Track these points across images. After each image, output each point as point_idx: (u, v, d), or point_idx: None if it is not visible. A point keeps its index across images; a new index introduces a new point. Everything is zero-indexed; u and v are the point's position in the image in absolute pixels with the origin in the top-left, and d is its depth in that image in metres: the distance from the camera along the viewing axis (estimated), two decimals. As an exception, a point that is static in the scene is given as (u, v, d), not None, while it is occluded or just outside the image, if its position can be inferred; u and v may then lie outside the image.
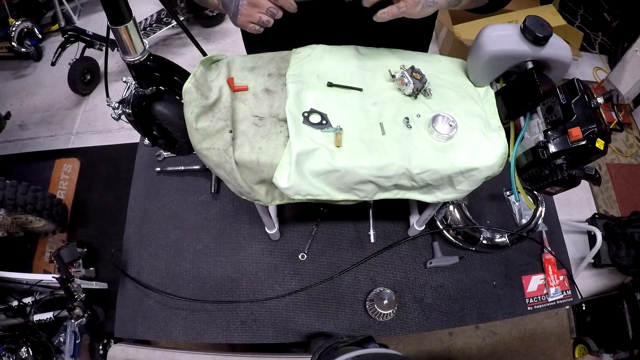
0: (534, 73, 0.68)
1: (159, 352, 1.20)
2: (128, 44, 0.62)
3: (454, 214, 1.17)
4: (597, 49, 2.88)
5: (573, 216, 2.07)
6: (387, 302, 1.11)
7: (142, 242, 1.27)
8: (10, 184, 1.75)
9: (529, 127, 0.72)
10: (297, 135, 0.69)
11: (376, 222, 1.22)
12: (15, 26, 2.55)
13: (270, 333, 1.15)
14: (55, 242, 2.13)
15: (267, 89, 0.77)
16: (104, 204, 2.20)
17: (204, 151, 0.70)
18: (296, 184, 0.69)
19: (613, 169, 2.38)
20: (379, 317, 1.14)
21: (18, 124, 2.58)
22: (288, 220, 1.27)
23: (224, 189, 1.32)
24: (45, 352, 1.53)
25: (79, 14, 3.05)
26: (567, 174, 0.66)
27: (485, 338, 1.85)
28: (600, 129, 0.64)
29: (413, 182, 0.73)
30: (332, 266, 1.21)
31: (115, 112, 0.75)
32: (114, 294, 1.24)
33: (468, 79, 0.82)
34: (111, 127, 2.51)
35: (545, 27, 0.66)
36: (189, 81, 0.67)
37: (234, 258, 1.23)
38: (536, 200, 1.20)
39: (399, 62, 0.81)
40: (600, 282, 2.01)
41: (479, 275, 1.23)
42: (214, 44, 2.85)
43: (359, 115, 0.74)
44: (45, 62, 2.83)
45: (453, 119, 0.71)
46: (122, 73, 1.96)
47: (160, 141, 0.86)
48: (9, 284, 1.60)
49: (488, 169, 0.72)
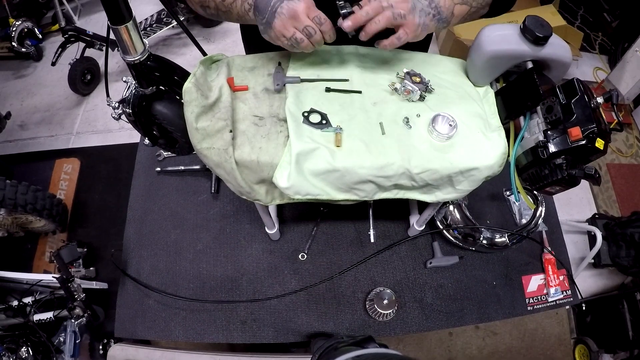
0: (533, 73, 0.68)
1: (159, 352, 1.20)
2: (128, 43, 0.62)
3: (454, 214, 1.17)
4: (597, 49, 2.88)
5: (573, 216, 2.07)
6: (387, 302, 1.11)
7: (142, 242, 1.27)
8: (11, 183, 1.75)
9: (528, 126, 0.72)
10: (297, 135, 0.69)
11: (376, 222, 1.22)
12: (16, 26, 2.56)
13: (270, 333, 1.15)
14: (56, 242, 2.13)
15: (267, 89, 0.77)
16: (104, 204, 2.20)
17: (204, 151, 0.71)
18: (296, 184, 0.69)
19: (613, 169, 2.38)
20: (379, 317, 1.14)
21: (18, 124, 2.58)
22: (288, 220, 1.27)
23: (224, 189, 1.32)
24: (45, 352, 1.53)
25: (79, 14, 3.05)
26: (567, 173, 0.66)
27: (485, 338, 1.85)
28: (600, 129, 0.64)
29: (413, 182, 0.73)
30: (332, 266, 1.21)
31: (116, 112, 0.76)
32: (114, 294, 1.24)
33: (468, 79, 0.82)
34: (111, 127, 2.51)
35: (545, 27, 0.66)
36: (189, 81, 0.68)
37: (234, 258, 1.23)
38: (536, 200, 1.20)
39: (398, 62, 0.81)
40: (600, 282, 2.01)
41: (479, 275, 1.23)
42: (214, 44, 2.85)
43: (359, 115, 0.74)
44: (46, 62, 2.83)
45: (453, 119, 0.71)
46: (122, 73, 1.96)
47: (160, 141, 0.86)
48: (9, 284, 1.60)
49: (488, 168, 0.72)
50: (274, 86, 0.75)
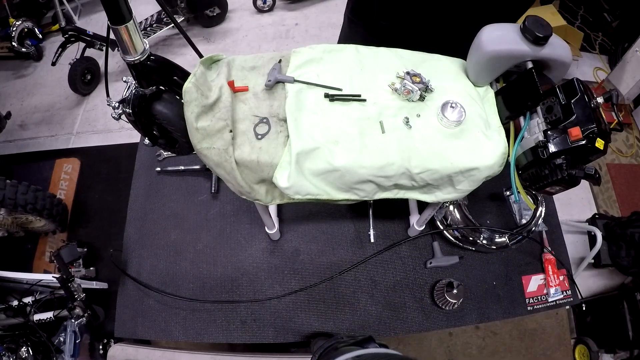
0: (533, 73, 0.68)
1: (159, 352, 1.20)
2: (128, 43, 0.62)
3: (454, 214, 1.17)
4: (597, 49, 2.88)
5: (573, 216, 2.07)
6: (456, 292, 1.13)
7: (142, 242, 1.27)
8: (11, 183, 1.75)
9: (528, 126, 0.72)
10: (297, 134, 0.69)
11: (376, 222, 1.22)
12: (16, 26, 2.56)
13: (270, 333, 1.15)
14: (56, 242, 2.13)
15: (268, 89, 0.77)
16: (104, 204, 2.20)
17: (204, 151, 0.70)
18: (296, 184, 0.69)
19: (613, 169, 2.38)
20: (447, 307, 1.16)
21: (18, 124, 2.58)
22: (288, 220, 1.27)
23: (224, 189, 1.32)
24: (45, 351, 1.53)
25: (80, 14, 3.05)
26: (567, 173, 0.66)
27: (485, 338, 1.84)
28: (600, 129, 0.64)
29: (413, 182, 0.73)
30: (332, 266, 1.21)
31: (116, 112, 0.76)
32: (114, 293, 1.24)
33: (468, 79, 0.82)
34: (111, 127, 2.50)
35: (545, 27, 0.66)
36: (189, 81, 0.68)
37: (234, 258, 1.23)
38: (536, 200, 1.20)
39: (398, 61, 0.81)
40: (600, 282, 2.01)
41: (479, 275, 1.23)
42: (214, 44, 2.85)
43: (359, 114, 0.74)
44: (46, 62, 2.83)
45: (462, 106, 0.71)
46: (122, 73, 1.96)
47: (160, 141, 0.86)
48: (9, 284, 1.60)
49: (488, 168, 0.72)
50: (266, 82, 0.75)
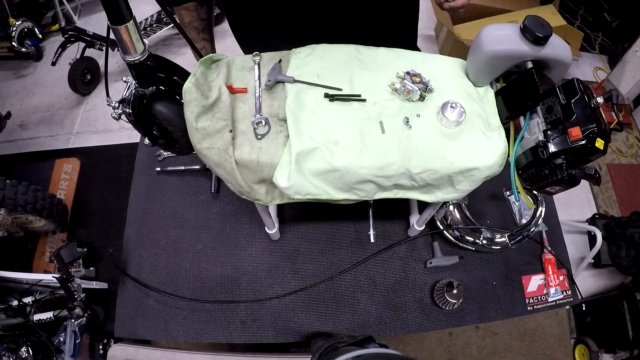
0: (533, 73, 0.68)
1: (159, 352, 1.20)
2: (128, 43, 0.62)
3: (454, 214, 1.17)
4: (597, 49, 2.88)
5: (573, 216, 2.07)
6: (456, 292, 1.12)
7: (142, 242, 1.27)
8: (11, 183, 1.75)
9: (528, 126, 0.72)
10: (297, 134, 0.69)
11: (376, 222, 1.22)
12: (16, 26, 2.56)
13: (270, 333, 1.15)
14: (55, 242, 2.13)
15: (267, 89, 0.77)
16: (104, 204, 2.20)
17: (204, 151, 0.71)
18: (296, 184, 0.69)
19: (613, 169, 2.38)
20: (447, 307, 1.15)
21: (18, 124, 2.58)
22: (288, 220, 1.27)
23: (224, 189, 1.32)
24: (45, 351, 1.53)
25: (79, 13, 3.05)
26: (566, 173, 0.66)
27: (485, 338, 1.85)
28: (600, 129, 0.64)
29: (413, 182, 0.73)
30: (332, 266, 1.21)
31: (116, 112, 0.75)
32: (114, 293, 1.24)
33: (468, 78, 0.82)
34: (111, 127, 2.51)
35: (545, 27, 0.66)
36: (189, 81, 0.68)
37: (234, 258, 1.23)
38: (536, 200, 1.20)
39: (398, 61, 0.81)
40: (600, 282, 2.01)
41: (479, 275, 1.23)
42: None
43: (359, 113, 0.74)
44: (46, 62, 2.83)
45: (461, 106, 0.71)
46: (122, 73, 1.96)
47: (160, 141, 0.85)
48: (9, 284, 1.60)
49: (488, 168, 0.72)
50: (266, 82, 0.75)
